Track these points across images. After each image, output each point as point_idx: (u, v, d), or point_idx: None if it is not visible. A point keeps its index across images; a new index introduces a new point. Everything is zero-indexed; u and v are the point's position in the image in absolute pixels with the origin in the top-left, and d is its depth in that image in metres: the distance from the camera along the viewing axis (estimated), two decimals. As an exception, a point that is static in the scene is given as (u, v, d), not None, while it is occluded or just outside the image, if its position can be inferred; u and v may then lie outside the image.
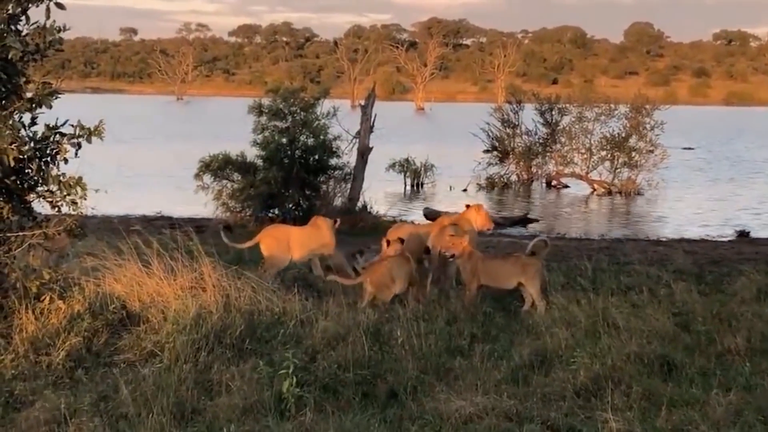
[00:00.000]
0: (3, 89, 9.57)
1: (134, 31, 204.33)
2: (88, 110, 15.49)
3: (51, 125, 9.82)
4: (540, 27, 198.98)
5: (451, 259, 12.20)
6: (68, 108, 10.23)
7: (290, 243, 13.35)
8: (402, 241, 12.28)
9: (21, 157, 9.54)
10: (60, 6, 9.75)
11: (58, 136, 9.85)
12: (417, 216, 25.12)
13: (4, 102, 9.58)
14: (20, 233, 9.86)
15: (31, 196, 10.00)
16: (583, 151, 35.81)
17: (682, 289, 11.40)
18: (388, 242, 12.21)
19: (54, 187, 9.86)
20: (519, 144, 36.78)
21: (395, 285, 11.57)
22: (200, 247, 11.15)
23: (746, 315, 10.53)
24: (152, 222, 21.68)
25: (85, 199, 9.90)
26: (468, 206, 13.82)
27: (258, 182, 21.20)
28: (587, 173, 35.47)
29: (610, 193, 34.01)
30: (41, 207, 10.25)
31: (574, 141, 35.94)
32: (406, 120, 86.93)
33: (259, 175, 21.37)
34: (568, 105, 36.76)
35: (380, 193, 28.00)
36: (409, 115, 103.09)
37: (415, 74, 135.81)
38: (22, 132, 9.67)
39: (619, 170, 34.97)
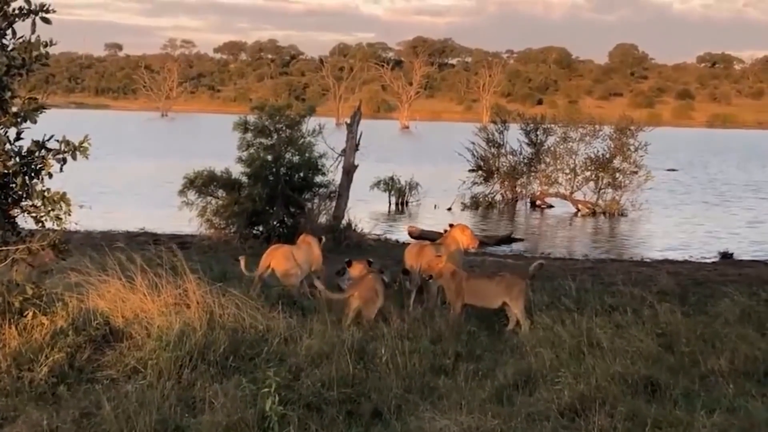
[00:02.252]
0: (-12, 103, 9.56)
1: (119, 47, 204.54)
2: (72, 126, 15.41)
3: (37, 140, 9.80)
4: (525, 47, 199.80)
5: (429, 280, 12.32)
6: (52, 123, 10.20)
7: (296, 261, 13.40)
8: (370, 262, 12.36)
9: (6, 171, 9.52)
10: (46, 21, 9.76)
11: (43, 151, 9.83)
12: (401, 235, 25.14)
13: (-11, 116, 9.57)
14: (4, 248, 9.82)
15: (16, 210, 9.97)
16: (567, 171, 35.91)
17: (665, 310, 11.42)
18: (349, 262, 12.30)
19: (38, 202, 9.83)
20: (504, 164, 36.86)
21: (379, 300, 11.63)
22: (184, 264, 11.12)
23: (730, 336, 10.57)
24: (135, 238, 21.64)
25: (69, 214, 9.87)
26: (451, 225, 13.89)
27: (242, 199, 21.18)
28: (571, 193, 35.58)
29: (594, 213, 34.10)
30: (25, 222, 10.23)
31: (558, 161, 36.05)
32: (392, 138, 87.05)
33: (244, 191, 21.34)
34: (552, 125, 36.88)
35: (365, 211, 28.00)
36: (395, 134, 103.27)
37: (400, 93, 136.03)
38: (8, 146, 9.66)
39: (603, 191, 35.09)
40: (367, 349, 9.88)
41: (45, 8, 9.71)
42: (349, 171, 22.74)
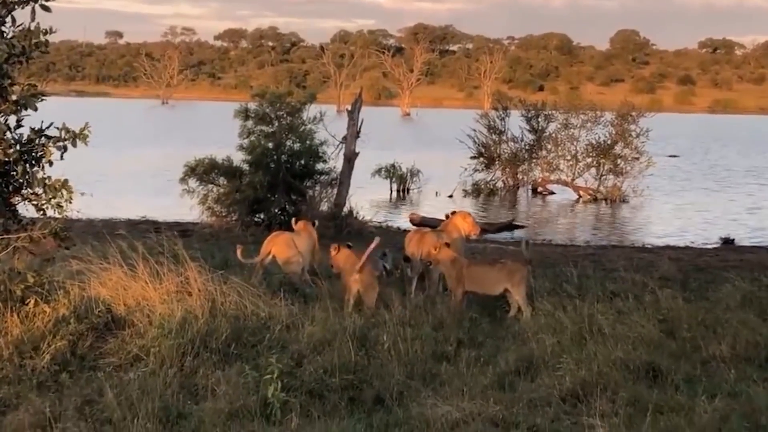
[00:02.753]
0: (-12, 91, 9.56)
1: (120, 35, 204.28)
2: (73, 114, 15.38)
3: (36, 128, 9.81)
4: (526, 34, 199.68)
5: (429, 266, 12.37)
6: (53, 112, 10.20)
7: (298, 248, 13.34)
8: (349, 246, 12.37)
9: (6, 159, 9.53)
10: (45, 8, 9.76)
11: (43, 138, 9.84)
12: (402, 222, 25.14)
13: (-11, 104, 9.57)
14: (5, 236, 9.83)
15: (17, 198, 9.98)
16: (569, 157, 35.88)
17: (667, 296, 11.43)
18: (338, 247, 12.28)
19: (39, 190, 9.85)
20: (505, 150, 36.83)
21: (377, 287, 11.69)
22: (184, 252, 11.13)
23: (731, 322, 10.57)
24: (137, 226, 21.62)
25: (71, 202, 9.89)
26: (454, 212, 13.90)
27: (244, 187, 21.20)
28: (573, 180, 35.56)
29: (595, 200, 34.09)
30: (26, 210, 10.23)
31: (560, 148, 36.02)
32: (393, 125, 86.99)
33: (245, 179, 21.37)
34: (554, 112, 36.85)
35: (366, 198, 27.97)
36: (396, 121, 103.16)
37: (401, 80, 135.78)
38: (8, 134, 9.66)
39: (604, 177, 35.07)
40: (369, 336, 9.90)
41: (45, -4, 9.71)
42: (350, 158, 22.73)
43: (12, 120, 9.81)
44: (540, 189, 36.21)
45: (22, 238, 9.83)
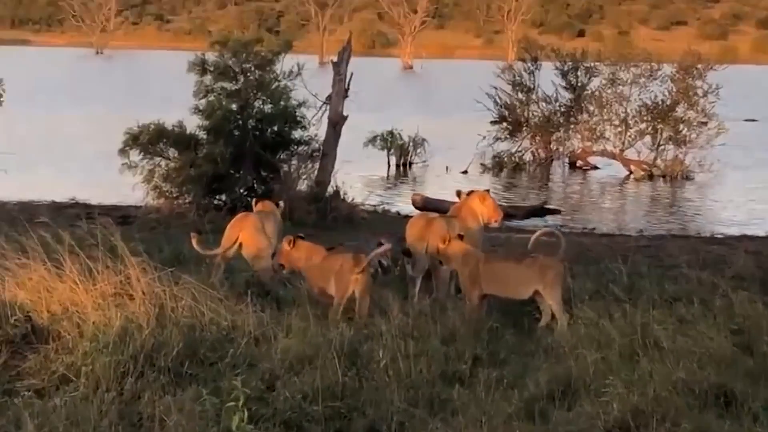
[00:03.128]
0: None
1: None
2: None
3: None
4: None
5: (438, 263, 12.39)
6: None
7: (268, 234, 13.37)
8: (302, 237, 12.52)
9: None
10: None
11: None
12: (403, 206, 25.17)
13: None
14: None
15: None
16: (616, 122, 35.92)
17: (743, 300, 11.45)
18: (293, 241, 12.38)
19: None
20: (535, 113, 36.87)
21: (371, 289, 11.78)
22: (125, 244, 11.12)
23: (825, 334, 10.60)
24: (63, 210, 21.65)
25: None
26: (469, 192, 13.86)
27: (200, 160, 21.19)
28: (622, 151, 35.61)
29: (651, 176, 34.17)
30: None
31: (605, 110, 36.06)
32: (391, 81, 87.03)
33: (202, 151, 21.37)
34: (597, 64, 36.86)
35: (357, 175, 28.01)
36: (395, 75, 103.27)
37: (401, 23, 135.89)
38: None
39: (662, 148, 35.11)
40: (361, 351, 9.92)
41: None
42: (336, 123, 22.71)
43: None
44: (580, 163, 36.29)
45: None
